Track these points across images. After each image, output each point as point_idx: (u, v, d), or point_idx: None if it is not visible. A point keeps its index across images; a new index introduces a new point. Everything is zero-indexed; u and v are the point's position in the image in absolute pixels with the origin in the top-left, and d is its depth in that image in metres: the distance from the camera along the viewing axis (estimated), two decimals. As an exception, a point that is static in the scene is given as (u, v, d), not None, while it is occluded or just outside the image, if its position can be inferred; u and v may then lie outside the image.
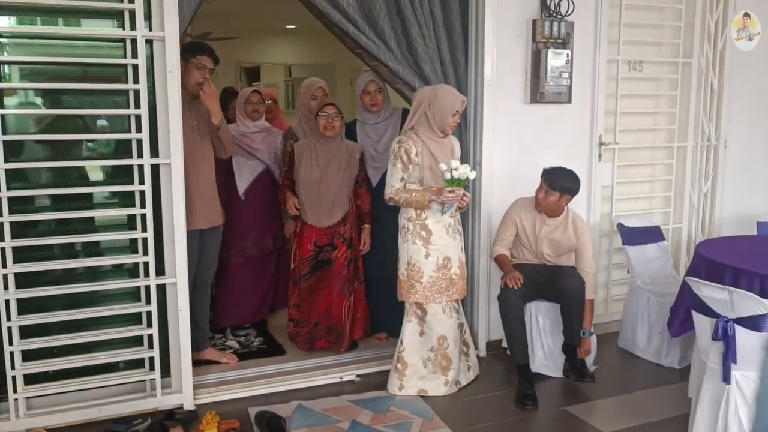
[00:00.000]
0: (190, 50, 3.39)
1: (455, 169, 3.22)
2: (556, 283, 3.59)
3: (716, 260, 3.21)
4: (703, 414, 2.84)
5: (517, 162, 4.06)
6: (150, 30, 3.04)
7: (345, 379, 3.69)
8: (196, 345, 3.68)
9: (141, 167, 3.09)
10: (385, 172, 3.63)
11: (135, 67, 3.04)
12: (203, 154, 3.47)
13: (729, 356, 2.70)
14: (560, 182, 3.54)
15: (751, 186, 4.80)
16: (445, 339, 3.47)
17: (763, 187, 4.87)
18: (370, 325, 4.11)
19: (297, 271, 3.93)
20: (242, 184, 4.15)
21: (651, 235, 4.28)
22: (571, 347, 3.64)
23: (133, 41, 3.02)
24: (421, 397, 3.48)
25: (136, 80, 3.04)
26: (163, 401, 3.28)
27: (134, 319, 3.27)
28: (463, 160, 4.01)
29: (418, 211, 3.41)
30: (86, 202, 3.21)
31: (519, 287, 3.48)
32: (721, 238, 3.89)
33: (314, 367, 3.77)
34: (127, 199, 3.17)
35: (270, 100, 4.65)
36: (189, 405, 3.31)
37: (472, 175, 3.27)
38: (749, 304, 2.63)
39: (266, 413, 3.19)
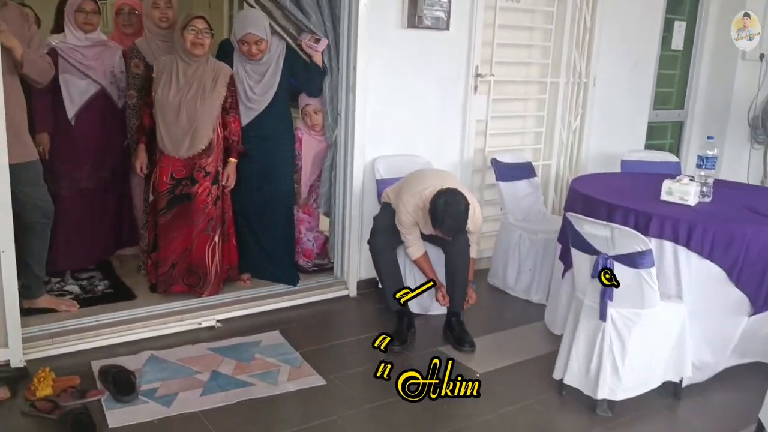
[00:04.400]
0: None
1: None
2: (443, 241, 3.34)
3: (592, 196, 3.17)
4: (578, 351, 2.81)
5: (393, 90, 3.80)
6: None
7: (204, 325, 3.35)
8: (29, 292, 3.21)
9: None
10: (259, 114, 3.35)
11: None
12: (10, 81, 2.83)
13: (607, 293, 2.66)
14: (457, 227, 3.10)
15: (616, 124, 4.86)
16: None
17: (626, 125, 4.96)
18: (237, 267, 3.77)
19: (155, 205, 3.49)
20: (72, 107, 3.54)
21: (523, 171, 4.22)
22: (450, 314, 3.41)
23: None
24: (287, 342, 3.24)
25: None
26: (-17, 358, 2.80)
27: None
28: (336, 85, 3.73)
29: None
30: None
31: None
32: (593, 175, 3.89)
33: (168, 313, 3.38)
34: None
35: (130, 8, 3.97)
36: (17, 361, 2.83)
37: None
38: (630, 240, 2.58)
39: (112, 367, 2.81)
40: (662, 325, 2.74)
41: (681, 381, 2.90)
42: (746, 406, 2.84)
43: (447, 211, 3.04)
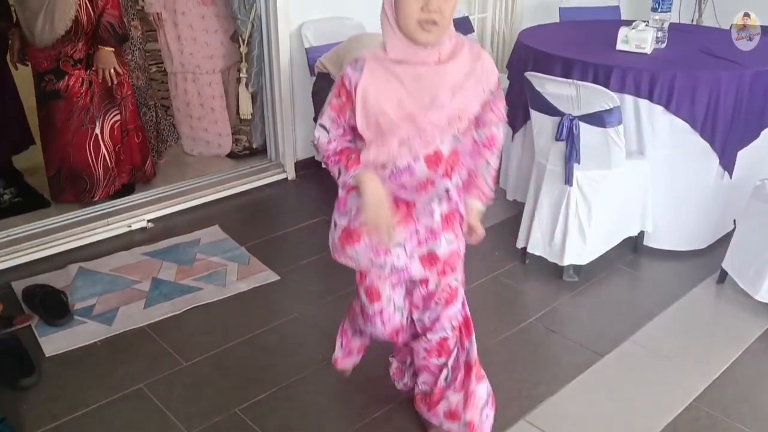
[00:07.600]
0: None
1: None
2: None
3: (545, 51, 2.93)
4: (541, 218, 2.69)
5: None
6: None
7: (134, 227, 3.04)
8: None
9: None
10: None
11: None
12: None
13: (573, 156, 2.50)
14: None
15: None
16: None
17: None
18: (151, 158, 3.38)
19: None
20: None
21: (461, 26, 3.90)
22: None
23: None
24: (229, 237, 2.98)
25: None
26: None
27: None
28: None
29: None
30: None
31: None
32: (541, 26, 3.61)
33: (92, 218, 3.03)
34: None
35: None
36: (-76, 292, 2.50)
37: None
38: (597, 98, 2.39)
39: (38, 287, 2.50)
40: (627, 184, 2.63)
41: (642, 235, 2.85)
42: (708, 257, 2.84)
43: None
